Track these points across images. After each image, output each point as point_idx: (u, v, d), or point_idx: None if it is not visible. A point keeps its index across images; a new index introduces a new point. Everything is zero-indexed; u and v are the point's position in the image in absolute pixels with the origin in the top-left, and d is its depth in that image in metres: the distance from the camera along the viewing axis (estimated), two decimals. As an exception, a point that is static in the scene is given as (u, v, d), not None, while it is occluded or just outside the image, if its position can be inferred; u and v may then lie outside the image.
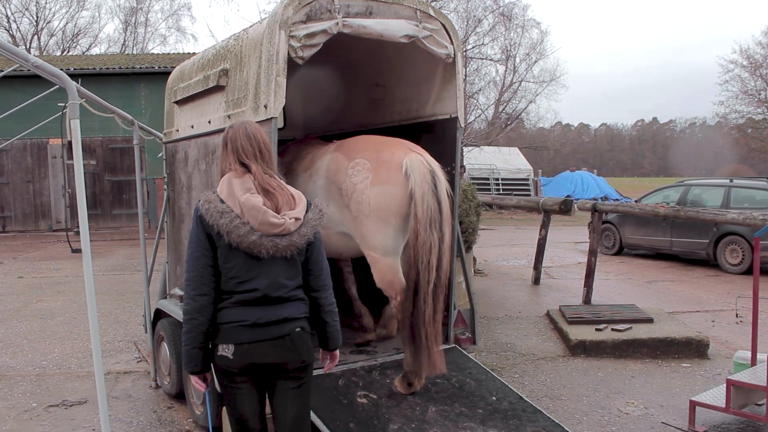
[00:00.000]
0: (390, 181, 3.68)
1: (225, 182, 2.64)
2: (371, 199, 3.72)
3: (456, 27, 4.27)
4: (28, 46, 34.44)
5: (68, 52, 36.52)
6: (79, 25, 38.26)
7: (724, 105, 35.67)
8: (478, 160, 27.37)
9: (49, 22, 36.64)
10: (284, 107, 3.68)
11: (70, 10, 37.24)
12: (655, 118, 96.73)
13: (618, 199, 26.06)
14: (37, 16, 35.61)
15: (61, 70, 3.08)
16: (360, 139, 4.12)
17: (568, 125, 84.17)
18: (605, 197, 26.08)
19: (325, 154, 4.21)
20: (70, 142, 5.48)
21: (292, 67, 3.70)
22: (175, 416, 4.65)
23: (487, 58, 27.24)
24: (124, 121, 5.16)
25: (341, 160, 3.96)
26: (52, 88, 3.84)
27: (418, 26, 3.99)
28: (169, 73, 5.29)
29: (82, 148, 3.27)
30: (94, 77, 17.43)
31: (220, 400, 3.13)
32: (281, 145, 4.55)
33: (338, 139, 4.31)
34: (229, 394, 2.70)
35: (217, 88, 4.11)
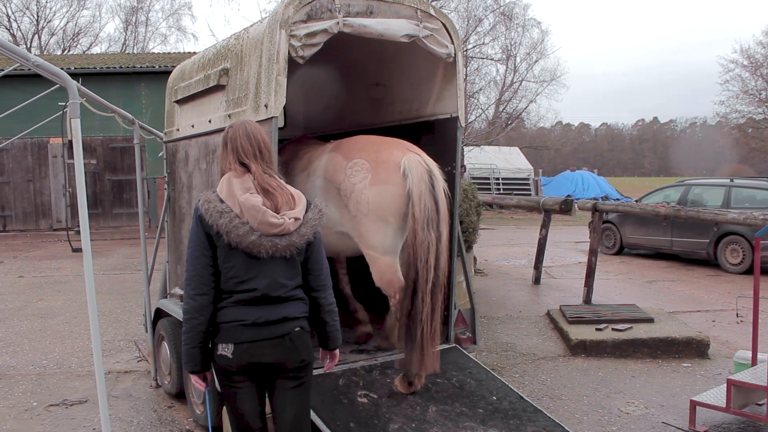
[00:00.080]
0: (388, 180, 3.70)
1: (225, 182, 2.64)
2: (370, 199, 3.73)
3: (456, 26, 4.27)
4: (28, 46, 34.45)
5: (69, 51, 36.52)
6: (80, 25, 38.30)
7: (724, 105, 35.68)
8: (479, 159, 27.40)
9: (49, 22, 36.68)
10: (285, 107, 3.68)
11: (71, 9, 37.29)
12: (655, 118, 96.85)
13: (618, 199, 26.04)
14: (38, 16, 35.65)
15: (62, 70, 3.08)
16: (358, 140, 4.13)
17: (568, 125, 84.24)
18: (606, 197, 26.07)
19: (323, 154, 4.22)
20: (70, 142, 5.46)
21: (293, 67, 3.70)
22: (176, 416, 4.65)
23: (487, 58, 27.24)
24: (124, 121, 5.15)
25: (339, 161, 3.97)
26: (53, 88, 3.84)
27: (418, 26, 3.99)
28: (169, 73, 5.30)
29: (83, 148, 3.27)
30: (95, 76, 17.43)
31: (220, 399, 3.13)
32: (281, 145, 4.55)
33: (337, 139, 4.32)
34: (229, 394, 2.70)
35: (218, 88, 4.11)
